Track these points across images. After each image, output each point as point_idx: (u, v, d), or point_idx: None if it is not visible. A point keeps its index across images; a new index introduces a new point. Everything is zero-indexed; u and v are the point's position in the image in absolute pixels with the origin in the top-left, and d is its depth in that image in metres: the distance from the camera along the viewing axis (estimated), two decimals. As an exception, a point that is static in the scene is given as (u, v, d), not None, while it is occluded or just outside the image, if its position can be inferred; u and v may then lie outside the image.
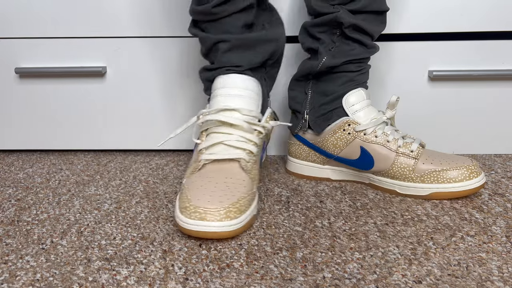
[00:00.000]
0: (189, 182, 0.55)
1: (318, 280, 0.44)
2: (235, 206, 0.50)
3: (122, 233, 0.54)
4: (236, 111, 0.59)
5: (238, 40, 0.60)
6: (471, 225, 0.54)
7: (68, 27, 0.77)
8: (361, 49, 0.63)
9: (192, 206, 0.50)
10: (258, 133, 0.60)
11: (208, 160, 0.57)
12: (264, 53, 0.62)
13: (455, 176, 0.60)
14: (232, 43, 0.60)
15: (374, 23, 0.63)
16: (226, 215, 0.49)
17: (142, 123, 0.81)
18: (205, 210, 0.49)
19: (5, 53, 0.78)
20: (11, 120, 0.82)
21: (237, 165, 0.57)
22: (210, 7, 0.58)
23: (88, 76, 0.79)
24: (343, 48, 0.63)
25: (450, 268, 0.45)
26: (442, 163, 0.61)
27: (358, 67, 0.64)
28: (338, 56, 0.63)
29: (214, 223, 0.49)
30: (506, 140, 0.78)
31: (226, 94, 0.60)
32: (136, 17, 0.76)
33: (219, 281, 0.44)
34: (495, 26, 0.73)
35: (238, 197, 0.51)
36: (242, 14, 0.59)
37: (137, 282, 0.44)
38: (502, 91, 0.76)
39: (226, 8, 0.58)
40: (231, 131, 0.58)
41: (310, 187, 0.66)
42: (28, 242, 0.52)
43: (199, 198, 0.51)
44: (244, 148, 0.58)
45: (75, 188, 0.68)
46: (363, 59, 0.64)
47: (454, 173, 0.60)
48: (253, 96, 0.60)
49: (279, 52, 0.65)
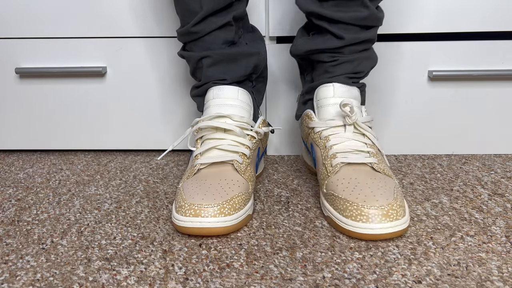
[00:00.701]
0: (184, 185, 0.56)
1: (318, 280, 0.44)
2: (229, 203, 0.51)
3: (122, 233, 0.54)
4: (228, 118, 0.61)
5: (219, 55, 0.62)
6: (471, 225, 0.54)
7: (68, 27, 0.77)
8: (331, 38, 0.61)
9: (187, 204, 0.51)
10: (251, 138, 0.62)
11: (203, 164, 0.58)
12: (247, 67, 0.64)
13: (344, 209, 0.52)
14: (214, 58, 0.62)
15: (348, 8, 0.58)
16: (220, 211, 0.50)
17: (142, 123, 0.81)
18: (200, 207, 0.50)
19: (5, 53, 0.78)
20: (11, 120, 0.82)
21: (230, 168, 0.58)
22: (190, 27, 0.61)
23: (88, 76, 0.79)
24: (318, 37, 0.62)
25: (450, 268, 0.45)
26: (352, 192, 0.52)
27: (331, 57, 0.62)
28: (309, 43, 0.62)
29: (208, 219, 0.50)
30: (506, 140, 0.79)
31: (218, 104, 0.62)
32: (136, 17, 0.76)
33: (219, 281, 0.44)
34: (495, 26, 0.73)
35: (232, 195, 0.52)
36: (221, 32, 0.62)
37: (137, 282, 0.44)
38: (502, 91, 0.76)
39: (204, 27, 0.61)
40: (224, 136, 0.60)
41: (309, 187, 0.66)
42: (28, 242, 0.52)
43: (194, 197, 0.52)
44: (237, 151, 0.59)
45: (75, 188, 0.68)
46: (335, 49, 0.61)
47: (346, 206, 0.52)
48: (244, 106, 0.62)
49: (261, 65, 0.66)
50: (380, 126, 0.79)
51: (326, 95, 0.61)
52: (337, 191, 0.54)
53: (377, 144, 0.60)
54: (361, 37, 0.60)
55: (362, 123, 0.60)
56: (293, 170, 0.74)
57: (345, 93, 0.61)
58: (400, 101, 0.77)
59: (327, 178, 0.57)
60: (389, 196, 0.51)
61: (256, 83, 0.68)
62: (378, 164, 0.56)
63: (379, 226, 0.49)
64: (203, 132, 0.61)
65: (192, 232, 0.50)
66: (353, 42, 0.60)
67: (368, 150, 0.58)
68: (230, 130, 0.60)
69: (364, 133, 0.59)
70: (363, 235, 0.50)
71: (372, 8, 0.58)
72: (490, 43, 0.74)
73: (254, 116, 0.66)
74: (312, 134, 0.62)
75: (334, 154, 0.58)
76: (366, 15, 0.58)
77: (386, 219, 0.49)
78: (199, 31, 0.61)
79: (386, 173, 0.56)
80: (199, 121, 0.61)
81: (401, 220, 0.50)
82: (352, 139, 0.59)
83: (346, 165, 0.57)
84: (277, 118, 0.79)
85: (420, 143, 0.79)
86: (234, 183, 0.55)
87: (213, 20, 0.60)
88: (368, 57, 0.63)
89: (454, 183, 0.67)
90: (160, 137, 0.82)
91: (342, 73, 0.62)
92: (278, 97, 0.78)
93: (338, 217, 0.52)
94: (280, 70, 0.77)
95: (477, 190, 0.64)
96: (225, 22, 0.61)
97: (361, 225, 0.50)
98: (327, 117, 0.61)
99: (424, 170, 0.72)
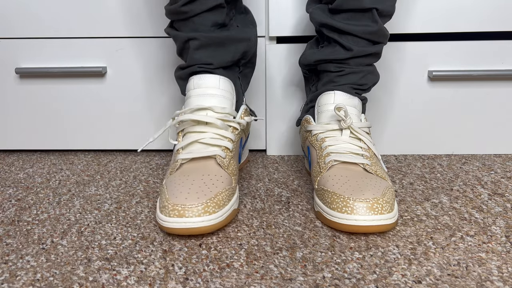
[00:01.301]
0: (167, 182, 0.55)
1: (318, 280, 0.44)
2: (213, 201, 0.51)
3: (122, 233, 0.54)
4: (209, 110, 0.60)
5: (207, 38, 0.61)
6: (471, 225, 0.54)
7: (68, 27, 0.77)
8: (340, 50, 0.62)
9: (170, 205, 0.50)
10: (234, 129, 0.61)
11: (184, 159, 0.58)
12: (236, 52, 0.63)
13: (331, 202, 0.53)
14: (201, 41, 0.61)
15: (358, 22, 0.60)
16: (204, 210, 0.50)
17: (142, 123, 0.81)
18: (183, 207, 0.50)
19: (5, 53, 0.78)
20: (11, 120, 0.82)
21: (213, 162, 0.57)
22: (179, 6, 0.59)
23: (88, 76, 0.79)
24: (327, 48, 0.63)
25: (450, 268, 0.45)
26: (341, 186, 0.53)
27: (338, 67, 0.62)
28: (318, 53, 0.63)
29: (193, 219, 0.49)
30: (506, 140, 0.79)
31: (199, 94, 0.61)
32: (136, 18, 0.76)
33: (219, 281, 0.44)
34: (495, 26, 0.73)
35: (216, 192, 0.52)
36: (211, 14, 0.60)
37: (137, 282, 0.44)
38: (502, 91, 0.76)
39: (193, 7, 0.59)
40: (206, 129, 0.59)
41: (310, 188, 0.66)
42: (29, 242, 0.52)
43: (177, 196, 0.51)
44: (219, 145, 0.59)
45: (75, 188, 0.68)
46: (343, 60, 0.62)
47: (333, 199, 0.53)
48: (226, 95, 0.61)
49: (251, 52, 0.65)
50: (380, 126, 0.79)
51: (327, 102, 0.62)
52: (326, 185, 0.55)
53: (374, 149, 0.60)
54: (368, 51, 0.61)
55: (359, 128, 0.60)
56: (293, 170, 0.74)
57: (345, 101, 0.62)
58: (400, 101, 0.77)
59: (319, 174, 0.58)
60: (376, 192, 0.52)
61: (243, 68, 0.67)
62: (371, 166, 0.57)
63: (363, 218, 0.50)
64: (184, 125, 0.60)
65: (177, 232, 0.50)
66: (360, 54, 0.61)
67: (362, 153, 0.58)
68: (211, 123, 0.59)
69: (360, 137, 0.60)
70: (347, 227, 0.50)
71: (380, 24, 0.60)
72: (490, 43, 0.74)
73: (238, 103, 0.65)
74: (310, 137, 0.63)
75: (328, 153, 0.59)
76: (375, 30, 0.60)
77: (370, 212, 0.50)
78: (188, 11, 0.59)
79: (379, 175, 0.56)
80: (180, 114, 0.60)
81: (386, 215, 0.50)
82: (348, 143, 0.59)
83: (339, 163, 0.58)
84: (277, 118, 0.79)
85: (420, 143, 0.79)
86: (218, 178, 0.55)
87: (203, 1, 0.59)
88: (372, 71, 0.64)
89: (454, 183, 0.67)
90: (160, 137, 0.82)
91: (346, 83, 0.63)
92: (277, 97, 0.78)
93: (326, 210, 0.53)
94: (280, 70, 0.77)
95: (477, 190, 0.64)
96: (216, 4, 0.59)
97: (346, 216, 0.50)
98: (325, 121, 0.62)
99: (424, 170, 0.72)
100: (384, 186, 0.53)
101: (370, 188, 0.52)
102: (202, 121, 0.59)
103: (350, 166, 0.57)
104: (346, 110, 0.58)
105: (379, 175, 0.56)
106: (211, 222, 0.50)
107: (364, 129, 0.62)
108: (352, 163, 0.58)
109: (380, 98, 0.77)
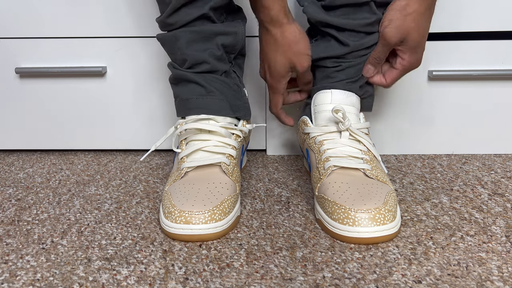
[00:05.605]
0: (172, 189, 0.56)
1: (318, 279, 0.44)
2: (219, 209, 0.51)
3: (123, 233, 0.54)
4: (212, 120, 0.60)
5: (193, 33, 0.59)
6: (471, 225, 0.54)
7: (68, 27, 0.77)
8: (336, 45, 0.61)
9: (177, 211, 0.51)
10: (236, 137, 0.62)
11: (190, 167, 0.58)
12: (224, 45, 0.62)
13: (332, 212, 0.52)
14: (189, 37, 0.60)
15: (355, 16, 0.59)
16: (211, 218, 0.50)
17: (142, 123, 0.81)
18: (190, 214, 0.50)
19: (5, 53, 0.78)
20: (11, 120, 0.82)
21: (218, 170, 0.58)
22: (165, 18, 0.59)
23: (88, 76, 0.79)
24: (322, 43, 0.62)
25: (450, 268, 0.45)
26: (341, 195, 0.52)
27: (335, 62, 0.62)
28: (313, 51, 0.61)
29: (199, 226, 0.50)
30: (506, 140, 0.79)
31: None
32: (136, 17, 0.76)
33: (219, 281, 0.44)
34: (495, 26, 0.73)
35: (222, 200, 0.52)
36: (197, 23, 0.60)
37: (137, 282, 0.44)
38: (502, 91, 0.76)
39: (178, 18, 0.59)
40: (209, 137, 0.60)
41: (310, 188, 0.66)
42: (29, 242, 0.52)
43: (183, 203, 0.52)
44: (223, 153, 0.59)
45: (75, 188, 0.68)
46: (340, 56, 0.61)
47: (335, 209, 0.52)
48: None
49: (239, 45, 0.64)
50: (380, 126, 0.79)
51: (324, 101, 0.61)
52: (327, 193, 0.54)
53: (373, 151, 0.59)
54: (365, 43, 0.60)
55: (358, 129, 0.59)
56: (293, 170, 0.74)
57: (343, 100, 0.61)
58: (400, 101, 0.77)
59: (319, 181, 0.56)
60: (378, 200, 0.51)
61: (235, 60, 0.66)
62: (371, 171, 0.56)
63: (365, 230, 0.49)
64: (187, 134, 0.61)
65: (182, 238, 0.51)
66: (357, 48, 0.60)
67: (362, 156, 0.57)
68: (214, 131, 0.60)
69: (359, 139, 0.59)
70: (350, 239, 0.50)
71: (379, 14, 0.59)
72: (490, 43, 0.74)
73: (238, 95, 0.64)
74: (308, 140, 0.62)
75: (327, 157, 0.58)
76: (372, 20, 0.59)
77: (373, 223, 0.49)
78: (174, 22, 0.59)
79: (380, 179, 0.55)
80: (183, 123, 0.61)
81: (388, 225, 0.49)
82: (347, 145, 0.58)
83: (339, 169, 0.56)
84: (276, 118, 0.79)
85: (420, 143, 0.79)
86: (223, 185, 0.55)
87: (187, 11, 0.58)
88: None
89: (454, 183, 0.67)
90: (160, 137, 0.82)
91: (344, 79, 0.62)
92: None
93: (327, 220, 0.52)
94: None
95: (477, 190, 0.64)
96: (201, 14, 0.58)
97: (347, 228, 0.49)
98: (322, 123, 0.61)
99: (424, 170, 0.72)
100: (385, 192, 0.52)
101: (372, 197, 0.51)
102: (205, 129, 0.60)
103: (350, 171, 0.56)
104: (344, 112, 0.57)
105: (380, 179, 0.55)
106: (217, 229, 0.51)
107: (363, 130, 0.61)
108: (352, 168, 0.57)
109: (380, 98, 0.77)
